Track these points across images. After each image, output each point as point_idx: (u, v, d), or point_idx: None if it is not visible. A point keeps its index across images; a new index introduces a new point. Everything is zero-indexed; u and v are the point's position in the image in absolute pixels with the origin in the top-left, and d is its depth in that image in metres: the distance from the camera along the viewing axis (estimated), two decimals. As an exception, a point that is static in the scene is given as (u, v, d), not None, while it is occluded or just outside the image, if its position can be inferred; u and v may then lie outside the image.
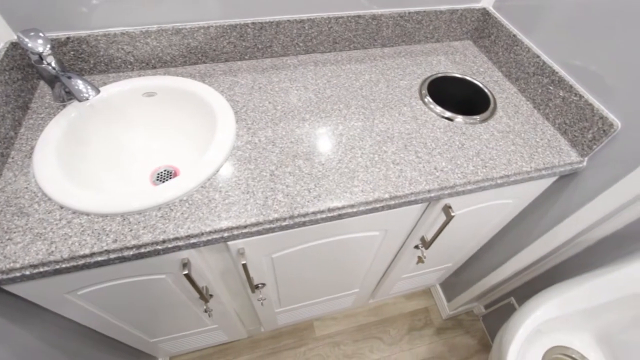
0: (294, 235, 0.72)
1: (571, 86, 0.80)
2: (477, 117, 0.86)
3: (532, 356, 0.95)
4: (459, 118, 0.86)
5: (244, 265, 0.69)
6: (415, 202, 0.71)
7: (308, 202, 0.66)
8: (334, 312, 1.49)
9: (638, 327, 0.87)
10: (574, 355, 0.96)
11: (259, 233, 0.64)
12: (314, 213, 0.65)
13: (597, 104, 0.76)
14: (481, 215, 0.91)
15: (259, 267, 0.79)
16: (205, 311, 0.84)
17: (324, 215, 0.66)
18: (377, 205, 0.68)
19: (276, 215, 0.64)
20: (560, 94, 0.83)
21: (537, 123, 0.86)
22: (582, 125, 0.79)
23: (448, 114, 0.86)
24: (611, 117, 0.73)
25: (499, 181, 0.75)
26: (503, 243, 1.13)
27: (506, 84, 0.96)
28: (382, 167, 0.73)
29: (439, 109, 0.87)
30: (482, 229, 1.02)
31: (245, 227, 0.63)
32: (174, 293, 0.79)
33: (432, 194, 0.71)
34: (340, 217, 0.67)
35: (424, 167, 0.74)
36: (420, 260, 1.00)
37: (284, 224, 0.64)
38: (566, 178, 0.87)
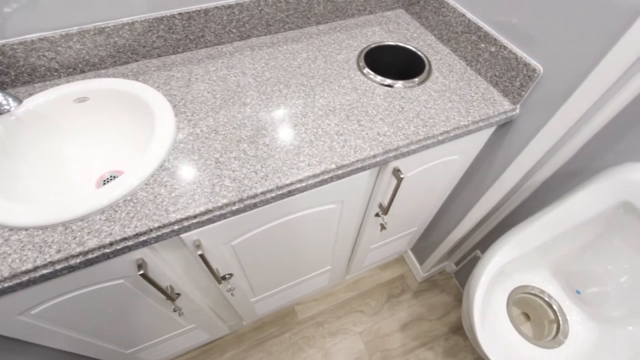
0: (249, 219, 0.72)
1: (496, 39, 0.84)
2: (416, 79, 0.89)
3: (497, 299, 1.01)
4: (399, 83, 0.88)
5: (202, 257, 0.69)
6: (363, 168, 0.73)
7: (256, 183, 0.66)
8: (312, 293, 1.51)
9: (584, 255, 0.94)
10: (534, 292, 1.03)
11: (210, 221, 0.64)
12: (263, 193, 0.66)
13: (520, 52, 0.80)
14: (432, 174, 0.95)
15: (220, 257, 0.79)
16: (175, 310, 0.83)
17: (273, 194, 0.66)
18: (326, 177, 0.69)
19: (225, 201, 0.64)
20: (488, 49, 0.87)
21: (470, 79, 0.90)
22: (510, 75, 0.83)
23: (388, 81, 0.88)
24: (533, 63, 0.78)
25: (439, 138, 0.78)
26: (459, 200, 1.18)
27: (439, 46, 0.99)
28: (327, 140, 0.74)
29: (378, 77, 0.89)
30: (436, 188, 1.06)
31: (195, 217, 0.62)
32: (138, 297, 0.77)
33: (378, 159, 0.73)
34: (290, 193, 0.68)
35: (367, 134, 0.76)
36: (382, 227, 1.02)
37: (234, 208, 0.64)
38: (504, 127, 0.91)
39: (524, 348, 0.93)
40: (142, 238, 0.60)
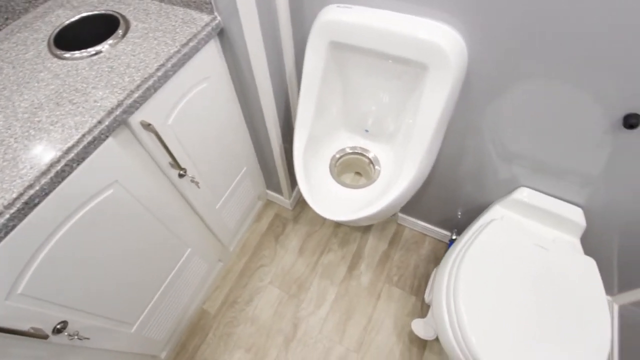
0: (9, 254, 0.63)
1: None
2: (120, 32, 0.87)
3: (321, 172, 1.14)
4: (106, 46, 0.85)
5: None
6: (99, 139, 0.70)
7: (-23, 218, 0.58)
8: (207, 285, 1.48)
9: (348, 101, 1.10)
10: (345, 152, 1.19)
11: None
12: (-8, 222, 0.58)
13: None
14: (198, 110, 0.97)
15: (21, 309, 0.69)
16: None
17: (7, 215, 0.59)
18: (59, 167, 0.65)
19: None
20: (160, -23, 0.88)
21: (167, 12, 0.91)
22: (190, -10, 0.86)
23: (93, 50, 0.84)
24: (195, -31, 0.82)
25: (159, 74, 0.78)
26: (255, 121, 1.24)
27: (128, -2, 0.97)
28: (43, 135, 0.68)
29: (84, 52, 0.84)
30: (221, 121, 1.09)
31: None
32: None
33: (106, 122, 0.71)
34: (29, 205, 0.62)
35: (83, 108, 0.72)
36: (195, 183, 1.03)
37: (-34, 255, 0.56)
38: (224, 39, 0.96)
39: (357, 195, 1.08)
40: None
